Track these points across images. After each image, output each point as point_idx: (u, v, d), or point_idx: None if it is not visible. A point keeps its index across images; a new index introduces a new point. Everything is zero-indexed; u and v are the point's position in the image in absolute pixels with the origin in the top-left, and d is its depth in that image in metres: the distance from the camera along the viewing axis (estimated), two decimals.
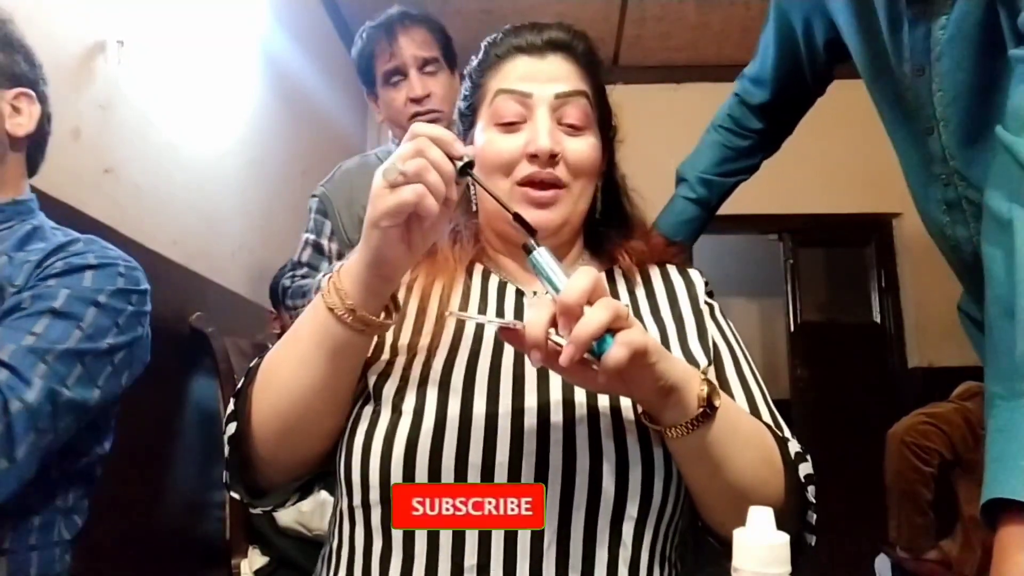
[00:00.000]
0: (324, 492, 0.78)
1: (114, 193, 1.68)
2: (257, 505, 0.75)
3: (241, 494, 0.73)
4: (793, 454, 0.69)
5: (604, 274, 0.83)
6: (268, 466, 0.71)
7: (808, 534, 0.69)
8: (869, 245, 3.81)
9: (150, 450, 1.76)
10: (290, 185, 2.77)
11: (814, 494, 0.69)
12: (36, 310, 0.88)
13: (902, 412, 2.16)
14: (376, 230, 0.60)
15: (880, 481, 2.19)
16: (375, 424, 0.68)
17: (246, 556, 1.81)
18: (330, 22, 3.33)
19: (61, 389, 0.86)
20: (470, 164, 0.61)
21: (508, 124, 0.77)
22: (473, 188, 0.83)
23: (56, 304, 0.89)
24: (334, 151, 3.32)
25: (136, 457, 1.62)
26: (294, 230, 2.64)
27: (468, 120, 0.84)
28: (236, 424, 0.69)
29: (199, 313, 1.94)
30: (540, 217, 0.75)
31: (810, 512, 0.69)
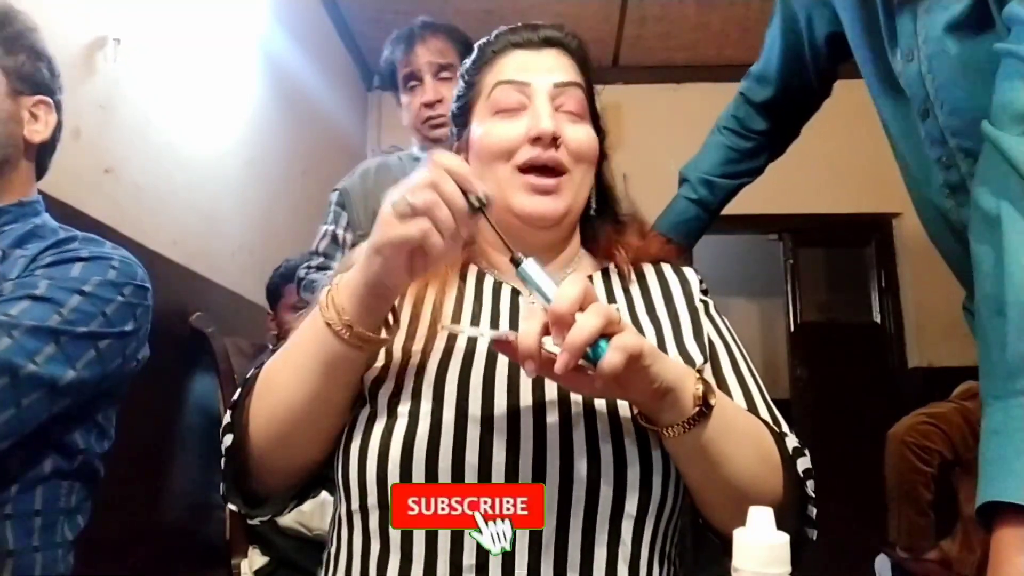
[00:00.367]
0: (324, 492, 0.78)
1: (114, 193, 1.68)
2: (255, 515, 0.75)
3: (239, 504, 0.73)
4: (791, 449, 0.69)
5: (600, 273, 0.83)
6: (266, 475, 0.71)
7: (809, 528, 0.68)
8: (869, 245, 3.81)
9: (150, 450, 1.76)
10: (290, 185, 2.77)
11: (813, 488, 0.69)
12: (16, 296, 0.88)
13: (902, 412, 2.16)
14: (378, 256, 0.59)
15: (880, 481, 2.19)
16: (371, 428, 0.68)
17: (246, 556, 1.81)
18: (330, 22, 3.33)
19: (24, 362, 0.83)
20: (484, 203, 0.60)
21: (508, 111, 0.77)
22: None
23: (37, 291, 0.88)
24: (334, 151, 3.32)
25: (136, 457, 1.62)
26: (294, 230, 2.65)
27: (462, 120, 0.83)
28: (233, 435, 0.69)
29: (199, 313, 1.95)
30: (543, 205, 0.75)
31: (810, 506, 0.69)
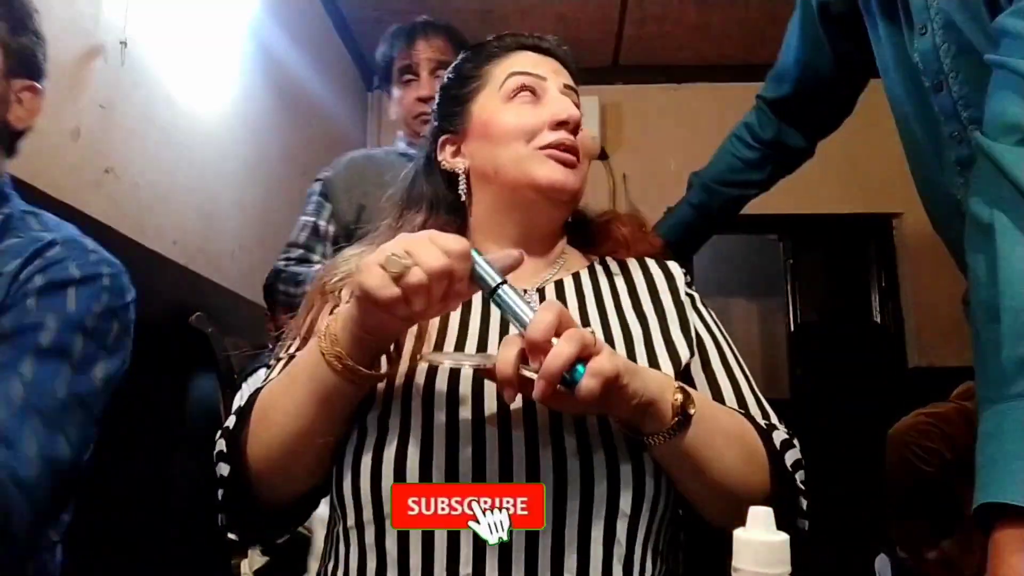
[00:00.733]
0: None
1: (114, 193, 1.68)
2: (252, 543, 0.75)
3: (237, 534, 0.73)
4: (779, 443, 0.70)
5: (586, 269, 0.84)
6: (264, 504, 0.71)
7: (801, 519, 0.69)
8: (869, 245, 3.81)
9: (149, 450, 1.76)
10: (289, 185, 2.76)
11: (803, 479, 0.69)
12: (21, 346, 0.82)
13: (902, 412, 2.15)
14: (368, 303, 0.58)
15: (880, 481, 2.18)
16: (363, 444, 0.68)
17: (246, 556, 1.81)
18: (329, 22, 3.33)
19: (59, 452, 0.80)
20: (499, 285, 0.59)
21: (526, 98, 0.80)
22: (463, 187, 0.83)
23: (43, 340, 0.83)
24: (333, 151, 3.30)
25: (135, 457, 1.62)
26: None
27: (457, 110, 0.84)
28: (229, 466, 0.69)
29: (199, 313, 1.94)
30: (564, 175, 0.77)
31: (800, 498, 0.69)
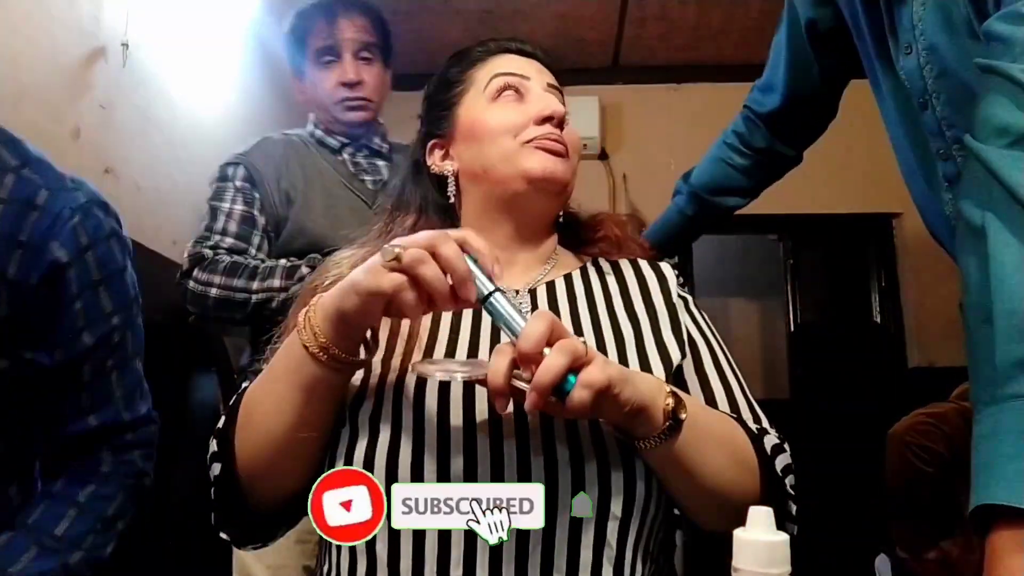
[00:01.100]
0: None
1: (114, 193, 1.68)
2: (245, 545, 0.75)
3: (230, 534, 0.73)
4: (770, 448, 0.70)
5: (579, 271, 0.84)
6: (255, 504, 0.71)
7: (789, 524, 0.69)
8: (869, 245, 3.80)
9: None
10: None
11: (793, 484, 0.70)
12: (114, 365, 0.96)
13: (902, 412, 2.15)
14: (355, 295, 0.59)
15: (880, 481, 2.18)
16: (354, 446, 0.68)
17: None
18: None
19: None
20: (491, 293, 0.59)
21: (510, 98, 0.81)
22: (452, 189, 0.84)
23: (128, 352, 0.99)
24: None
25: None
26: None
27: (444, 114, 0.85)
28: (220, 465, 0.69)
29: None
30: (554, 164, 0.78)
31: (789, 503, 0.69)
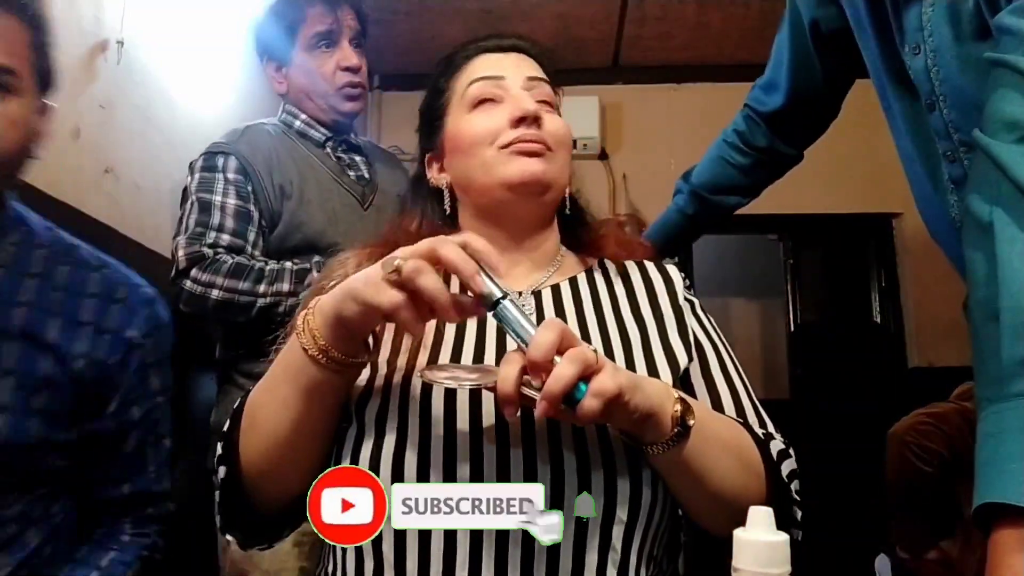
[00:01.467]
0: None
1: (114, 193, 1.68)
2: (251, 546, 0.75)
3: (236, 536, 0.73)
4: (776, 453, 0.70)
5: (584, 273, 0.83)
6: (260, 505, 0.71)
7: (794, 529, 0.69)
8: (869, 245, 3.80)
9: None
10: None
11: (798, 489, 0.70)
12: (152, 440, 1.08)
13: (902, 412, 2.15)
14: (354, 303, 0.59)
15: (880, 481, 2.18)
16: (360, 446, 0.68)
17: None
18: None
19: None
20: (500, 299, 0.59)
21: (486, 104, 0.79)
22: (448, 202, 0.83)
23: (162, 431, 1.12)
24: None
25: None
26: None
27: (436, 126, 0.84)
28: (226, 468, 0.69)
29: None
30: (532, 166, 0.76)
31: (795, 508, 0.69)
